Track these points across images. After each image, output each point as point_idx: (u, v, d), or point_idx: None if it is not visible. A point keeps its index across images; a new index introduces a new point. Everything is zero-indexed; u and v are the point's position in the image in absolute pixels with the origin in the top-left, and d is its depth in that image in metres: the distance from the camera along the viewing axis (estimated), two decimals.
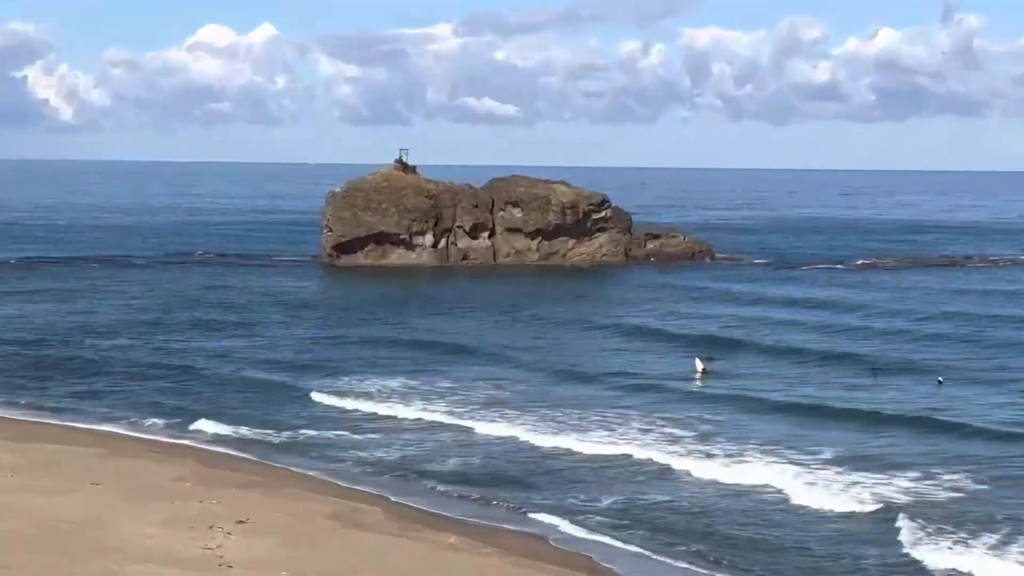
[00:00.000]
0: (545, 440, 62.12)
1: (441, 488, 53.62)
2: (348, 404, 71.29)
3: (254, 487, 50.99)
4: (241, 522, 44.82)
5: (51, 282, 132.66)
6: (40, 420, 66.53)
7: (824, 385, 78.13)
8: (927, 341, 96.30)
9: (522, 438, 62.62)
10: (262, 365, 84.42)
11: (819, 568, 43.38)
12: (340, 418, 67.80)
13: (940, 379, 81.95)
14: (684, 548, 45.26)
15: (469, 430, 64.64)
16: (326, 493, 51.24)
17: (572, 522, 48.39)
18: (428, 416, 67.85)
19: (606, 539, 46.33)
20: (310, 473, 55.69)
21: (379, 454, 59.67)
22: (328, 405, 71.33)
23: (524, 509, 50.19)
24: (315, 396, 73.24)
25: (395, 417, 67.93)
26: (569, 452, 59.86)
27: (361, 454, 59.67)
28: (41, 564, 38.00)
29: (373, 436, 63.37)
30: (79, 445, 58.62)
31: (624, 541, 46.10)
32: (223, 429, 64.59)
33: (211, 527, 43.99)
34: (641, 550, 45.19)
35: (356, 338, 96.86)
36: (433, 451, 60.21)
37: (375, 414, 68.75)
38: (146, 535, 42.67)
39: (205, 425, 65.21)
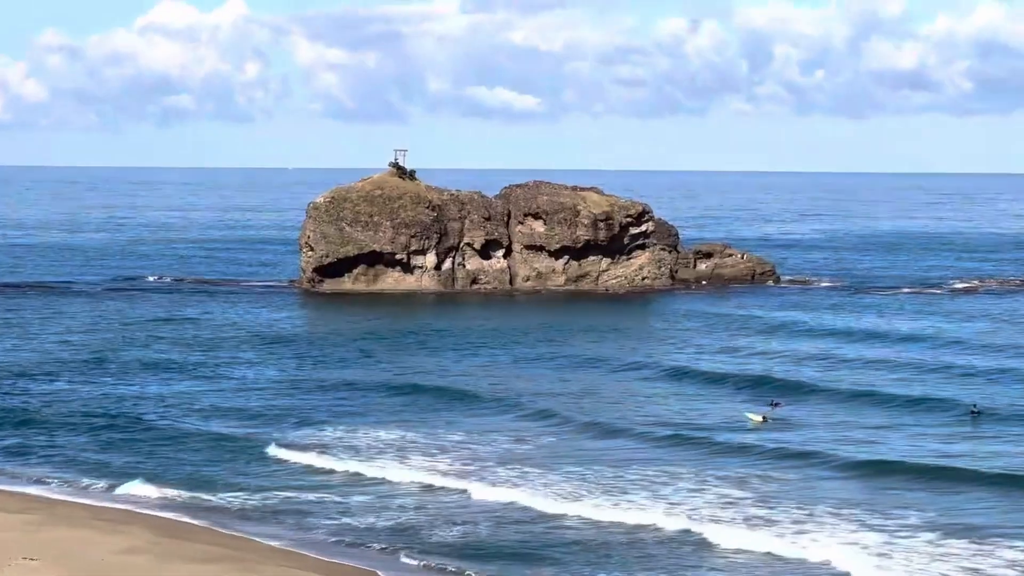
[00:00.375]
0: (568, 507, 62.08)
1: (439, 564, 53.79)
2: (330, 462, 71.38)
3: (222, 561, 51.09)
4: None
5: None
6: None
7: (913, 436, 78.19)
8: None
9: (541, 503, 62.78)
10: (227, 414, 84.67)
11: None
12: (321, 478, 67.93)
13: (975, 406, 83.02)
14: None
15: (472, 493, 64.79)
16: (305, 568, 51.36)
17: None
18: (427, 477, 67.85)
19: None
20: (285, 545, 55.80)
21: (368, 520, 59.88)
22: (306, 464, 71.36)
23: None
24: (289, 452, 73.37)
25: (386, 479, 67.91)
26: (597, 523, 59.85)
27: (347, 520, 59.83)
28: None
29: (360, 499, 63.55)
30: (8, 511, 58.79)
31: None
32: (179, 492, 64.71)
33: None
34: None
35: (341, 381, 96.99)
36: (433, 518, 60.28)
37: (361, 475, 68.87)
38: None
39: (156, 488, 65.36)
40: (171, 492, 64.76)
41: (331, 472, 69.57)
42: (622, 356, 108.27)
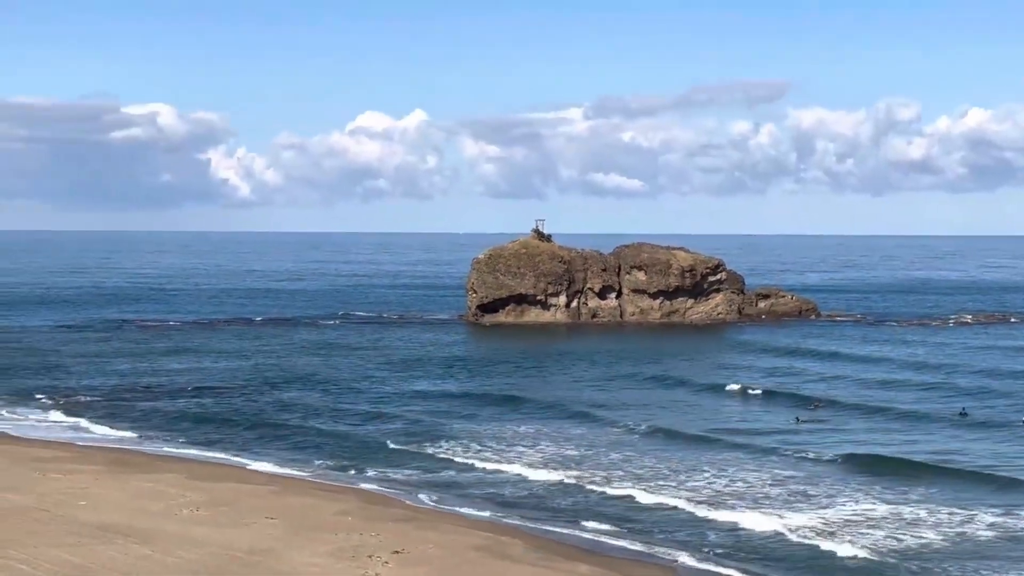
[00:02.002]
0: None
1: (576, 523, 53.30)
2: (496, 447, 71.17)
3: (409, 521, 51.02)
4: (397, 552, 44.84)
5: (229, 340, 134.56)
6: (222, 461, 67.29)
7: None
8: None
9: (587, 477, 62.11)
10: (418, 411, 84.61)
11: None
12: (483, 462, 67.63)
13: (963, 409, 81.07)
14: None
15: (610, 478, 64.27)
16: (473, 527, 51.09)
17: (694, 555, 47.88)
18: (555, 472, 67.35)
19: (732, 572, 45.72)
20: (459, 510, 55.58)
21: (506, 492, 59.53)
22: (478, 449, 71.27)
23: (650, 543, 49.84)
24: (459, 446, 73.17)
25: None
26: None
27: (494, 492, 59.49)
28: None
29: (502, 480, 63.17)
30: (255, 484, 59.14)
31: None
32: (376, 470, 64.75)
33: (370, 556, 44.05)
34: None
35: (499, 389, 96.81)
36: (564, 491, 59.83)
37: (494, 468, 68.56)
38: (312, 564, 42.85)
39: (360, 467, 65.58)
40: (371, 471, 64.79)
41: (498, 451, 69.29)
42: (704, 372, 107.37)
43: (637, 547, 49.29)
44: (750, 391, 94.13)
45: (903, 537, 50.09)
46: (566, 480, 61.89)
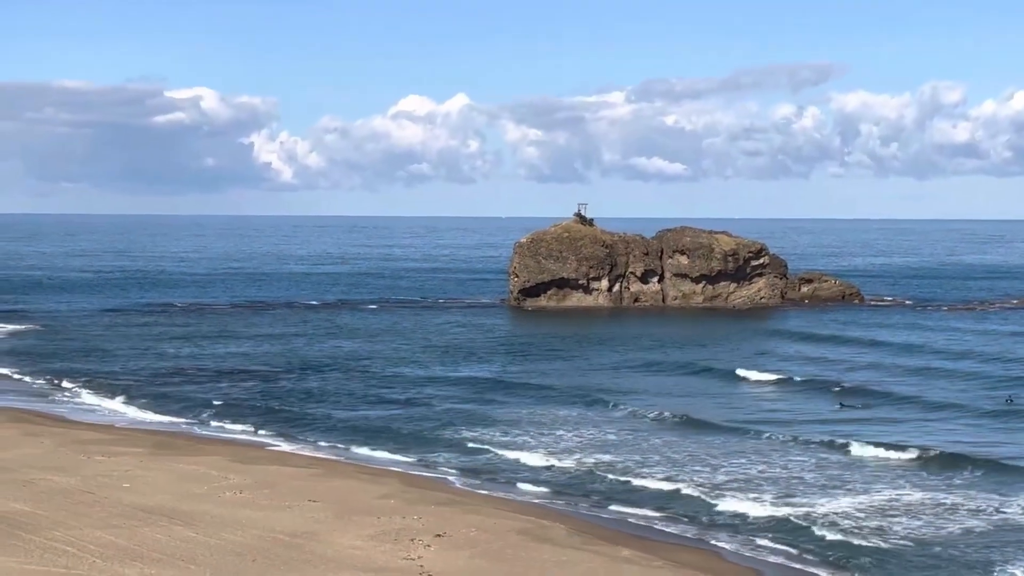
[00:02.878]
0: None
1: (617, 507, 53.35)
2: (536, 429, 71.27)
3: (451, 505, 51.12)
4: (439, 536, 44.96)
5: (271, 323, 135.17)
6: (265, 444, 67.62)
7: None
8: None
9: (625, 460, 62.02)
10: (458, 395, 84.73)
11: None
12: (523, 447, 67.67)
13: (1010, 397, 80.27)
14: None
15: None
16: (515, 511, 51.15)
17: (734, 540, 47.86)
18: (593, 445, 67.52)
19: (779, 558, 45.66)
20: (499, 494, 55.67)
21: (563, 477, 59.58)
22: (525, 425, 71.40)
23: (691, 527, 49.89)
24: (499, 430, 73.28)
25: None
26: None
27: (543, 477, 59.55)
28: (266, 572, 38.51)
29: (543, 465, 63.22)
30: (297, 467, 59.41)
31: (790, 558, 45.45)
32: (416, 454, 64.84)
33: (412, 540, 44.19)
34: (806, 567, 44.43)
35: (538, 370, 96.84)
36: (603, 476, 59.80)
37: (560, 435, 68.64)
38: (355, 547, 43.02)
39: (399, 452, 65.70)
40: (413, 455, 64.90)
41: (539, 435, 69.36)
42: (743, 358, 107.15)
43: (679, 531, 49.29)
44: (793, 378, 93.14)
45: (944, 524, 49.81)
46: (606, 464, 61.78)
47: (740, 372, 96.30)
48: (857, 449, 64.91)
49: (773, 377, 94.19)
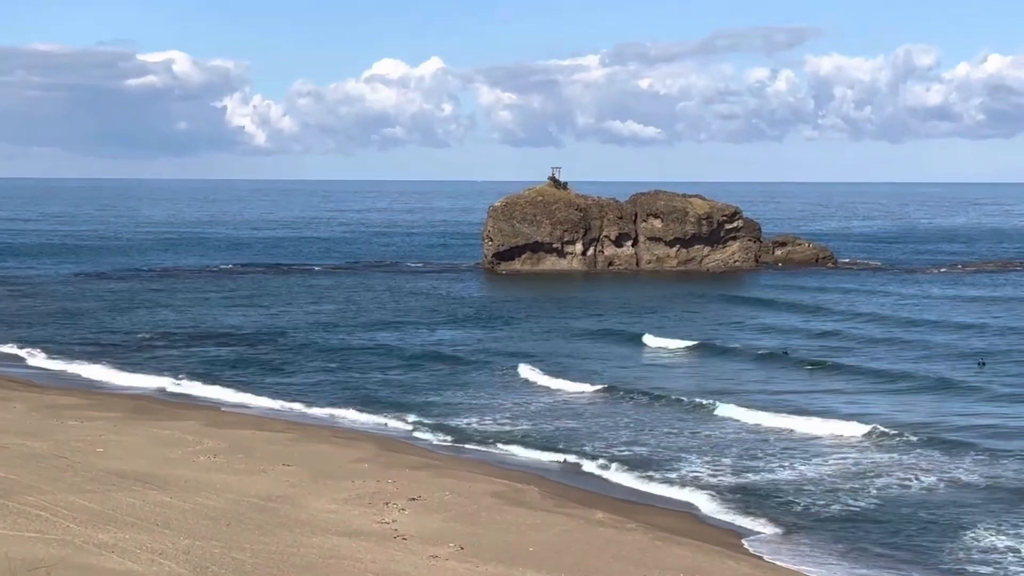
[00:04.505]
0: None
1: (590, 467, 53.64)
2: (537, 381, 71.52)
3: (425, 469, 51.17)
4: (413, 499, 45.02)
5: (245, 287, 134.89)
6: (239, 409, 67.55)
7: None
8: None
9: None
10: (431, 357, 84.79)
11: None
12: (498, 411, 67.80)
13: (981, 361, 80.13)
14: (818, 527, 44.64)
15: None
16: (488, 474, 51.25)
17: (713, 498, 48.14)
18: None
19: (747, 518, 45.87)
20: (474, 458, 55.78)
21: (536, 423, 59.70)
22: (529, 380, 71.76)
23: (667, 488, 50.14)
24: (473, 394, 73.44)
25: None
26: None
27: (516, 438, 59.72)
28: (240, 536, 38.50)
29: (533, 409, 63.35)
30: (272, 431, 59.38)
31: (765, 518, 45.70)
32: (392, 416, 64.91)
33: (387, 504, 44.23)
34: (778, 529, 44.66)
35: (512, 333, 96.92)
36: (579, 439, 59.99)
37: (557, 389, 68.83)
38: (329, 510, 43.04)
39: (374, 413, 65.75)
40: (387, 418, 64.93)
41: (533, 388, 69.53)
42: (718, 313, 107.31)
43: (655, 492, 49.46)
44: (757, 351, 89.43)
45: (908, 483, 50.20)
46: (580, 429, 62.08)
47: (709, 339, 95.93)
48: (827, 414, 65.36)
49: (742, 346, 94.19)
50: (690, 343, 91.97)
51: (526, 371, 78.17)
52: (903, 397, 70.40)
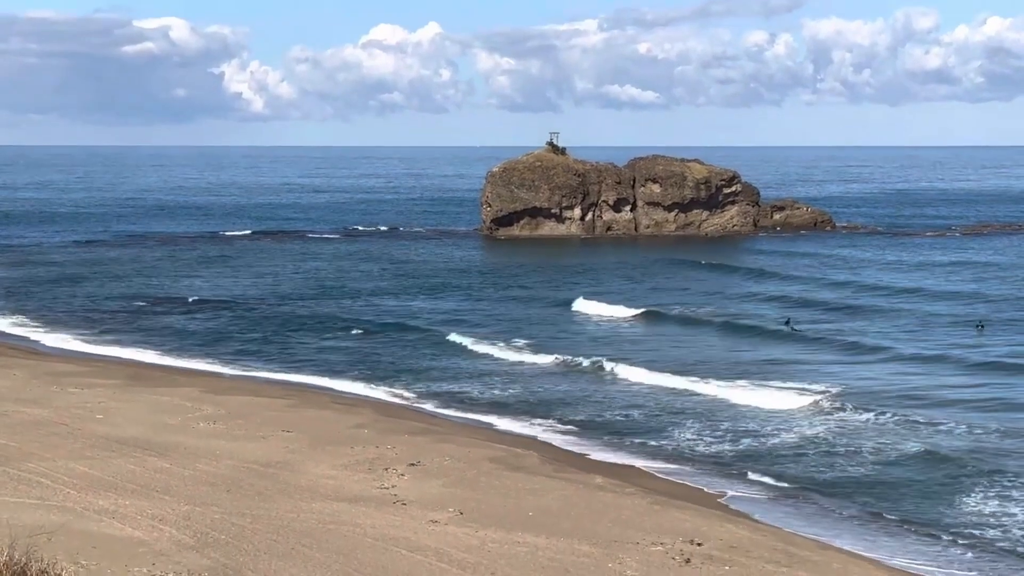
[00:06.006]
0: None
1: (589, 434, 53.73)
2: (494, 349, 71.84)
3: (424, 434, 51.32)
4: (413, 465, 45.16)
5: (242, 254, 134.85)
6: (238, 375, 67.67)
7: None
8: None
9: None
10: (428, 322, 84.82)
11: None
12: (495, 375, 67.91)
13: (980, 324, 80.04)
14: (797, 487, 44.80)
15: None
16: (488, 439, 51.43)
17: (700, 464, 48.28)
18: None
19: (741, 483, 46.04)
20: (474, 423, 55.94)
21: (511, 391, 59.83)
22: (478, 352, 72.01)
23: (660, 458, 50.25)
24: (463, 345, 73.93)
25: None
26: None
27: (499, 397, 59.85)
28: (239, 502, 38.65)
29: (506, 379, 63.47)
30: (271, 397, 59.50)
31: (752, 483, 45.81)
32: (391, 384, 64.98)
33: (386, 469, 44.37)
34: (762, 490, 44.86)
35: (509, 296, 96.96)
36: (573, 402, 60.14)
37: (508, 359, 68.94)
38: (329, 476, 43.18)
39: (375, 381, 65.74)
40: (385, 384, 65.04)
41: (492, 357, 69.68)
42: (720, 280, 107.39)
43: (652, 463, 49.52)
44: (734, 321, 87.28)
45: (885, 449, 50.38)
46: (574, 392, 62.28)
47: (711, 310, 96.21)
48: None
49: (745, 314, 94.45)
50: (637, 311, 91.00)
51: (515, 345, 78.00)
52: (877, 366, 69.86)
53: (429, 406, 59.76)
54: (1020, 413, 56.24)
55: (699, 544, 36.59)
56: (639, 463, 48.60)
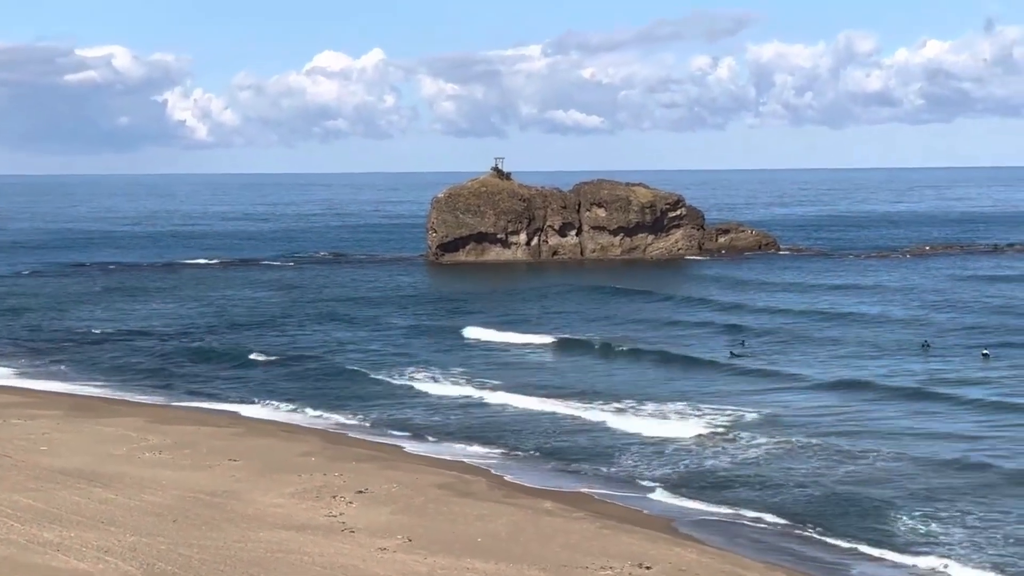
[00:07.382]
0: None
1: (538, 461, 53.70)
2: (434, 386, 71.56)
3: (371, 461, 51.20)
4: (361, 492, 45.05)
5: (187, 282, 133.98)
6: (183, 405, 67.21)
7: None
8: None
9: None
10: (375, 350, 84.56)
11: None
12: (441, 402, 67.86)
13: (985, 351, 79.90)
14: (751, 511, 45.01)
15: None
16: (435, 466, 51.35)
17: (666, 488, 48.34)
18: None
19: (688, 503, 46.20)
20: (421, 449, 55.79)
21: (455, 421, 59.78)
22: (417, 388, 71.59)
23: (617, 478, 50.26)
24: (407, 380, 73.47)
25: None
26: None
27: (448, 430, 59.74)
28: (186, 532, 38.42)
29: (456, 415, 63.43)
30: (217, 426, 59.19)
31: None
32: (334, 412, 64.61)
33: (334, 497, 44.25)
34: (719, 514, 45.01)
35: (453, 325, 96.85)
36: (523, 428, 60.13)
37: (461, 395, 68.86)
38: (277, 504, 43.01)
39: (322, 409, 65.42)
40: (333, 411, 64.75)
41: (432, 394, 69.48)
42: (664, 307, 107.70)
43: (603, 487, 49.45)
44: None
45: (825, 472, 50.69)
46: (525, 415, 62.30)
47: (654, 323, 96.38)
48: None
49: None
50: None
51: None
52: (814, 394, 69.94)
53: (375, 434, 59.58)
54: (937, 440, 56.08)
55: (648, 568, 36.70)
56: (584, 488, 48.62)
